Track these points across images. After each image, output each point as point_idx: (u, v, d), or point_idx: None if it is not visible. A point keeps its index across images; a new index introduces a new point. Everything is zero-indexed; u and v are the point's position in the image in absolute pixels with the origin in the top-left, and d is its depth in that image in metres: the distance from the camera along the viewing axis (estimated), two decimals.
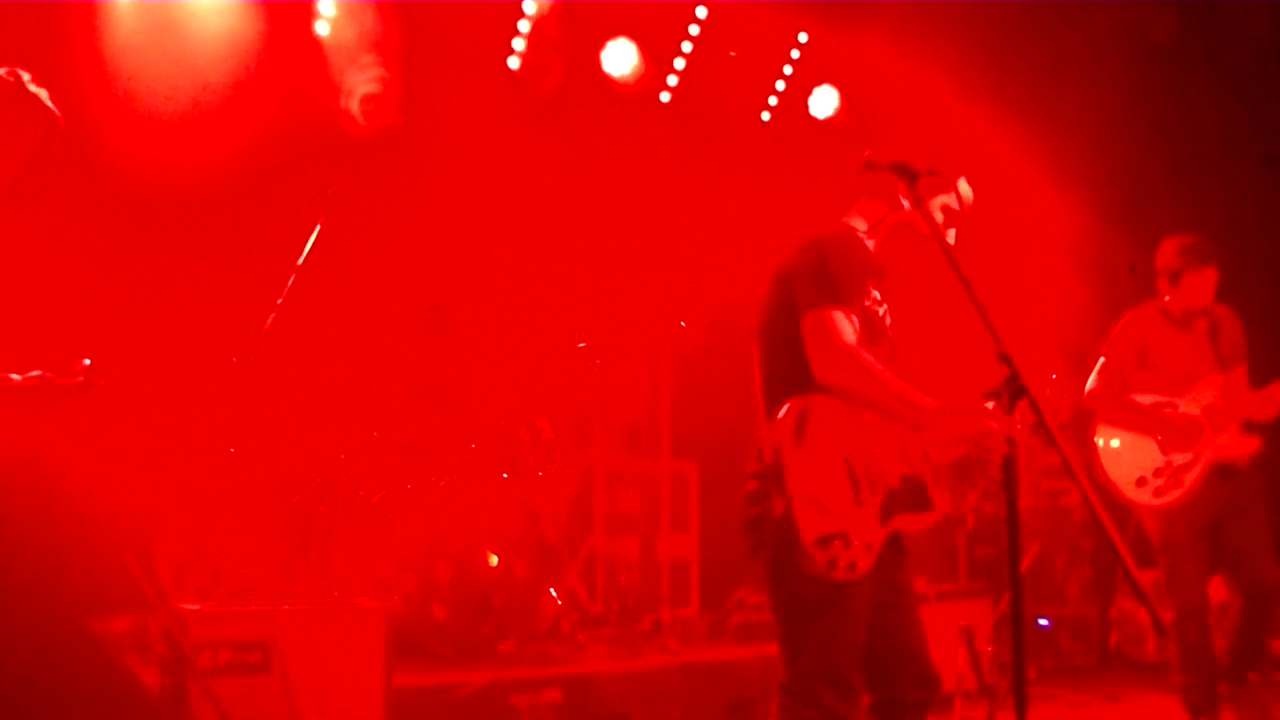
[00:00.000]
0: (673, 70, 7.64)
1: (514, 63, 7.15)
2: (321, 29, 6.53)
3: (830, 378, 3.11)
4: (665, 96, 7.70)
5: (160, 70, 5.95)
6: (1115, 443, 5.19)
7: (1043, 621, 6.89)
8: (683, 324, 6.31)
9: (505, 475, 5.91)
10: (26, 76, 3.10)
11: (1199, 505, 5.02)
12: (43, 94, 3.10)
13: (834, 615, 3.08)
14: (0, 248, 3.50)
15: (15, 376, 3.44)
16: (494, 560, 5.57)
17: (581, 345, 6.38)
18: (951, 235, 3.31)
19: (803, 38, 7.82)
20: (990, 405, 3.00)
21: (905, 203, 3.26)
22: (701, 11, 7.53)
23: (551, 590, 5.82)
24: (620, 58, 7.35)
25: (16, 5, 5.43)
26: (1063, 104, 7.64)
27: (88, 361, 3.27)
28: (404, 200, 6.59)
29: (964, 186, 3.41)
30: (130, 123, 5.76)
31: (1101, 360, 5.23)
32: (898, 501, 3.18)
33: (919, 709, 3.20)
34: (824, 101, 7.96)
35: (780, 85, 7.93)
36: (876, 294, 3.29)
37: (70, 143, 5.28)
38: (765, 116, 7.99)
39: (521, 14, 7.07)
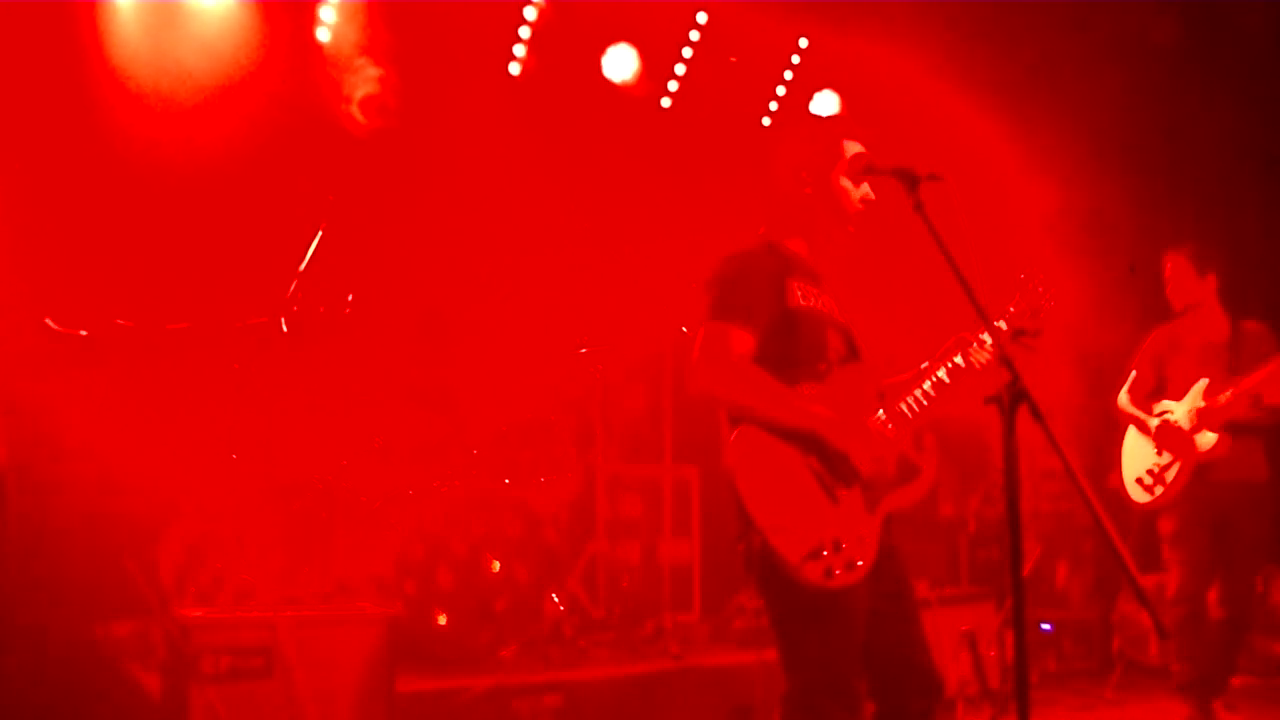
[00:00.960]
0: (674, 75, 7.65)
1: (515, 68, 7.16)
2: (322, 32, 6.54)
3: (710, 388, 3.10)
4: (666, 102, 7.71)
5: (160, 74, 5.96)
6: (1127, 445, 5.62)
7: (1045, 625, 6.88)
8: (684, 329, 6.31)
9: (507, 480, 5.92)
10: None
11: (1194, 503, 5.32)
12: None
13: (831, 623, 3.06)
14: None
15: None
16: (496, 566, 5.57)
17: (583, 350, 6.39)
18: (867, 190, 3.31)
19: (803, 42, 7.82)
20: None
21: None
22: (702, 16, 7.53)
23: (553, 595, 5.82)
24: (621, 63, 7.35)
25: (17, 7, 5.44)
26: (1063, 105, 7.64)
27: None
28: (405, 204, 6.59)
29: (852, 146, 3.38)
30: (130, 127, 5.76)
31: (1132, 374, 5.68)
32: (881, 482, 3.15)
33: (923, 718, 3.17)
34: (825, 106, 7.97)
35: (781, 90, 7.94)
36: (800, 292, 3.26)
37: (70, 146, 5.31)
38: (766, 121, 8.00)
39: (522, 19, 7.08)
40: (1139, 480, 5.48)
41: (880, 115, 7.50)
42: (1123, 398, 5.66)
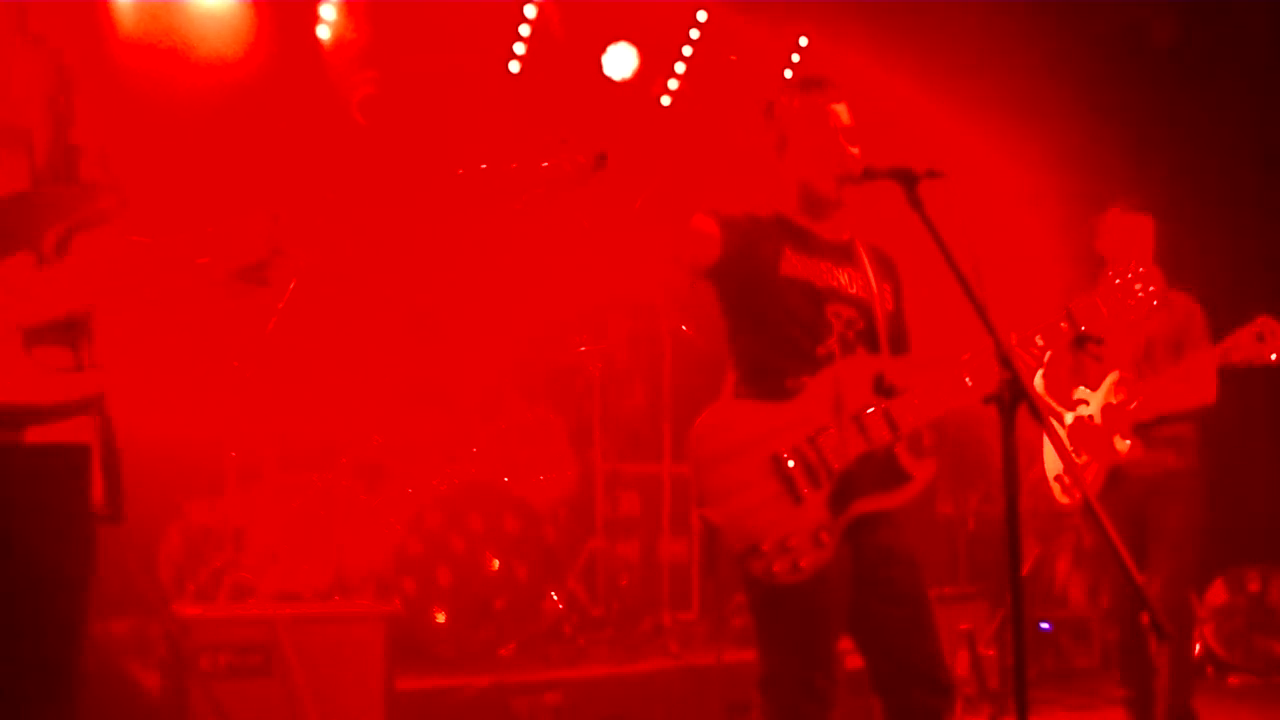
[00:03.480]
0: (673, 74, 7.65)
1: (514, 66, 7.16)
2: (322, 30, 6.54)
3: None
4: (666, 100, 7.71)
5: (160, 72, 5.96)
6: (1049, 438, 4.89)
7: (1044, 625, 6.87)
8: (684, 327, 6.31)
9: (506, 478, 5.92)
10: None
11: (1111, 508, 4.56)
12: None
13: (789, 617, 3.02)
14: None
15: None
16: (495, 564, 5.58)
17: (582, 349, 6.39)
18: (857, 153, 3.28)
19: (803, 41, 7.82)
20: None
21: None
22: (702, 15, 7.54)
23: (552, 593, 5.82)
24: (621, 61, 7.36)
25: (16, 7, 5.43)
26: (1062, 105, 7.64)
27: None
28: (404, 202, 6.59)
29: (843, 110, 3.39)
30: (129, 126, 5.76)
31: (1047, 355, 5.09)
32: (856, 484, 3.02)
33: (932, 715, 3.09)
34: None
35: None
36: (795, 261, 3.21)
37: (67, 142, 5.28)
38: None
39: (522, 17, 7.08)
40: (1059, 478, 4.89)
41: (877, 115, 7.50)
42: (1037, 382, 4.95)
